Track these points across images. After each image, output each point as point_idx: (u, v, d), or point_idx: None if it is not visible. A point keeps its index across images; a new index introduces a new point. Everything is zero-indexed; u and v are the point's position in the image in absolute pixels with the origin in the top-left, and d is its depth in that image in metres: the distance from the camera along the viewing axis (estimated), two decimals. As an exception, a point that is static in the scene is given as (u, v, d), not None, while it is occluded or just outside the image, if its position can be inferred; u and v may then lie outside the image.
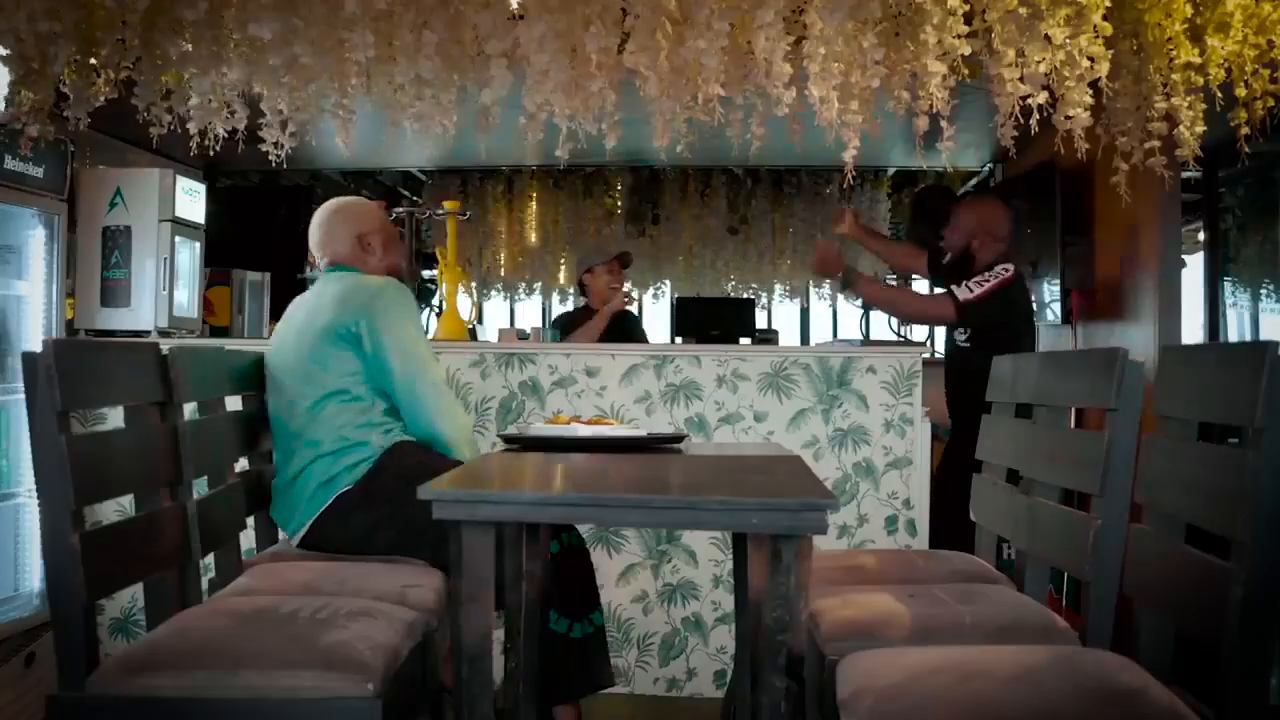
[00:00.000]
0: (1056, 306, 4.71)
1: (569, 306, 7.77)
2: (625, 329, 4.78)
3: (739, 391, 3.58)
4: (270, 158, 2.69)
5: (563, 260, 7.40)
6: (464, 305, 4.05)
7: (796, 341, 7.78)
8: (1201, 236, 4.58)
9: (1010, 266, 3.77)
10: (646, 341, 4.90)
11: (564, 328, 4.77)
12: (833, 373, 3.56)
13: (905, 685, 1.61)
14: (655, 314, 7.95)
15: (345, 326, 2.62)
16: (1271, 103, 2.57)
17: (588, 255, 5.17)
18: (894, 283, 5.16)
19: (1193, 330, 4.21)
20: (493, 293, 7.60)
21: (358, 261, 2.82)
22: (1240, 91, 2.57)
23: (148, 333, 3.92)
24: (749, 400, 3.57)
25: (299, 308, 2.80)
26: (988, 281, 3.71)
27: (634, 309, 5.52)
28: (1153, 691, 1.56)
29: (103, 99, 2.65)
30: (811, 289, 7.56)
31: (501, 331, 4.24)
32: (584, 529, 3.39)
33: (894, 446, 3.54)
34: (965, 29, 2.40)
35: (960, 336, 3.83)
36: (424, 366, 2.65)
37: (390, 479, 2.56)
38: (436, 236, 6.65)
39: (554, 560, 2.68)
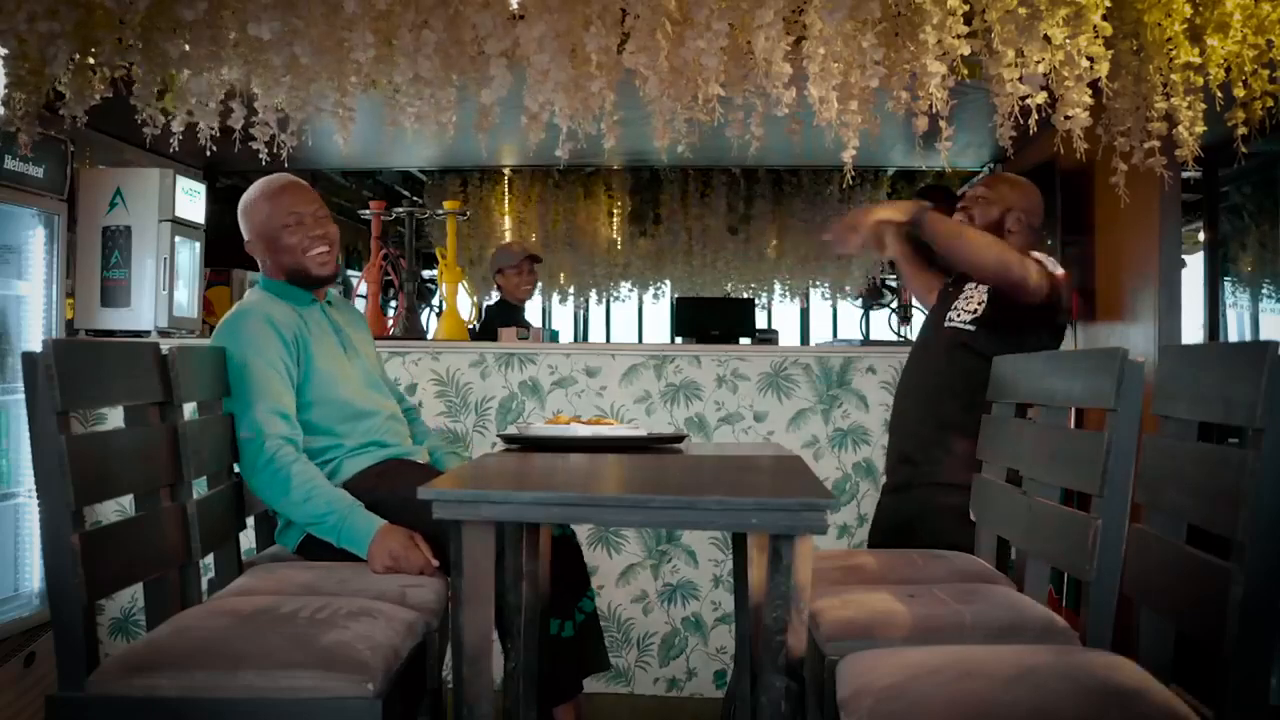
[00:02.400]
0: (1056, 306, 4.70)
1: (569, 307, 7.79)
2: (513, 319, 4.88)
3: (739, 391, 3.58)
4: (261, 157, 2.69)
5: (563, 261, 7.41)
6: (464, 305, 4.05)
7: (796, 341, 7.78)
8: (1201, 236, 4.58)
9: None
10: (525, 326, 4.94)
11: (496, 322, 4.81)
12: (833, 373, 3.56)
13: (905, 685, 1.61)
14: (655, 314, 7.95)
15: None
16: (1270, 103, 2.57)
17: (499, 255, 5.25)
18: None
19: (1193, 330, 4.22)
20: (493, 293, 7.59)
21: (265, 267, 2.68)
22: (1239, 91, 2.57)
23: (148, 333, 3.92)
24: (749, 400, 3.58)
25: None
26: (1058, 267, 2.88)
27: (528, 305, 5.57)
28: (1153, 691, 1.56)
29: (99, 97, 2.65)
30: (812, 289, 7.56)
31: (501, 331, 4.24)
32: (582, 527, 3.39)
33: (894, 446, 3.54)
34: (965, 29, 2.41)
35: (963, 315, 2.90)
36: (241, 411, 2.47)
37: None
38: (436, 236, 6.66)
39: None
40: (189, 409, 2.34)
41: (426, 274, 5.80)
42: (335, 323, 2.71)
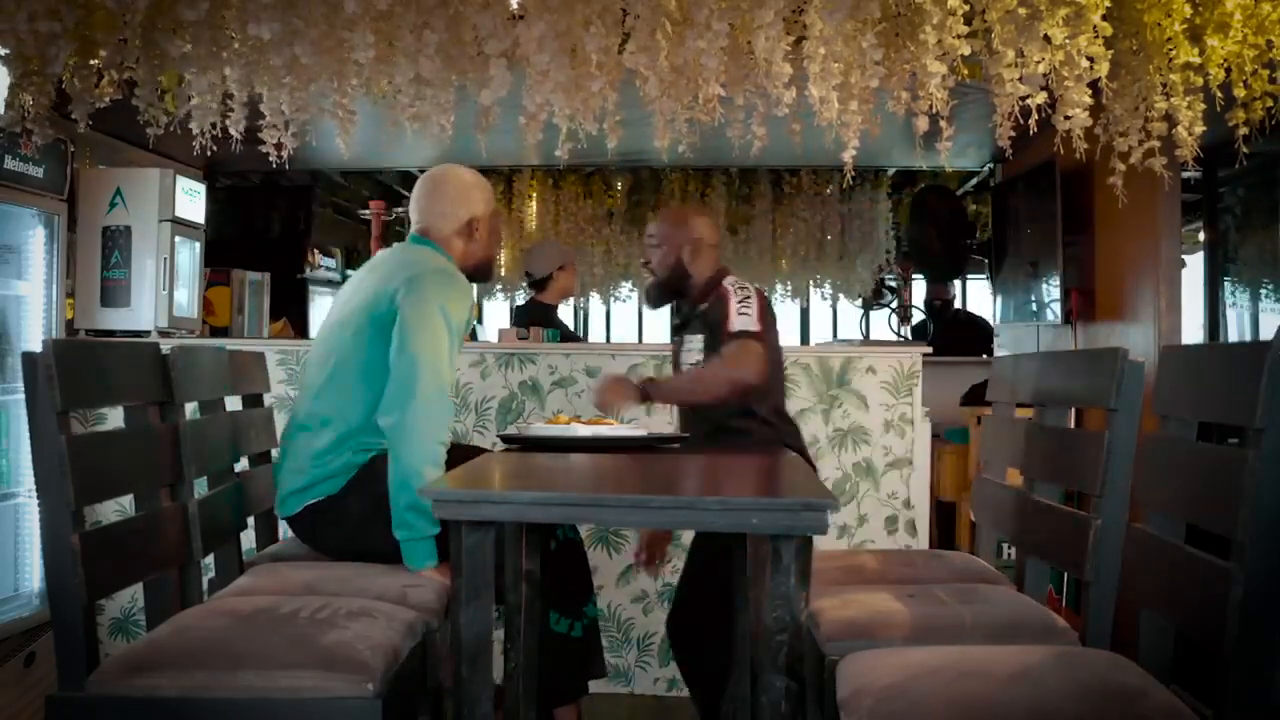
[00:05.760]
0: (1056, 306, 4.72)
1: (569, 307, 7.76)
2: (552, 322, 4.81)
3: (739, 391, 3.57)
4: (272, 159, 2.69)
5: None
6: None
7: (796, 341, 7.77)
8: (1201, 236, 4.58)
9: (744, 282, 2.91)
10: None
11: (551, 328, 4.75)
12: (833, 373, 3.56)
13: (905, 685, 1.61)
14: (655, 314, 7.95)
15: (382, 303, 2.41)
16: (1271, 103, 2.57)
17: (558, 251, 5.14)
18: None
19: (1193, 330, 4.22)
20: (493, 292, 7.59)
21: (450, 244, 2.59)
22: (1239, 92, 2.57)
23: (148, 333, 3.92)
24: (749, 400, 3.57)
25: (378, 267, 2.60)
26: (749, 299, 2.83)
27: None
28: (1152, 691, 1.56)
29: (107, 100, 2.65)
30: (812, 289, 7.56)
31: (501, 331, 4.24)
32: (583, 528, 3.39)
33: (894, 446, 3.54)
34: (965, 29, 2.41)
35: (695, 357, 2.92)
36: (421, 372, 2.35)
37: (360, 499, 2.41)
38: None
39: (551, 557, 2.67)
40: (189, 409, 2.34)
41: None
42: None
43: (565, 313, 5.34)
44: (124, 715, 1.76)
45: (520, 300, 7.79)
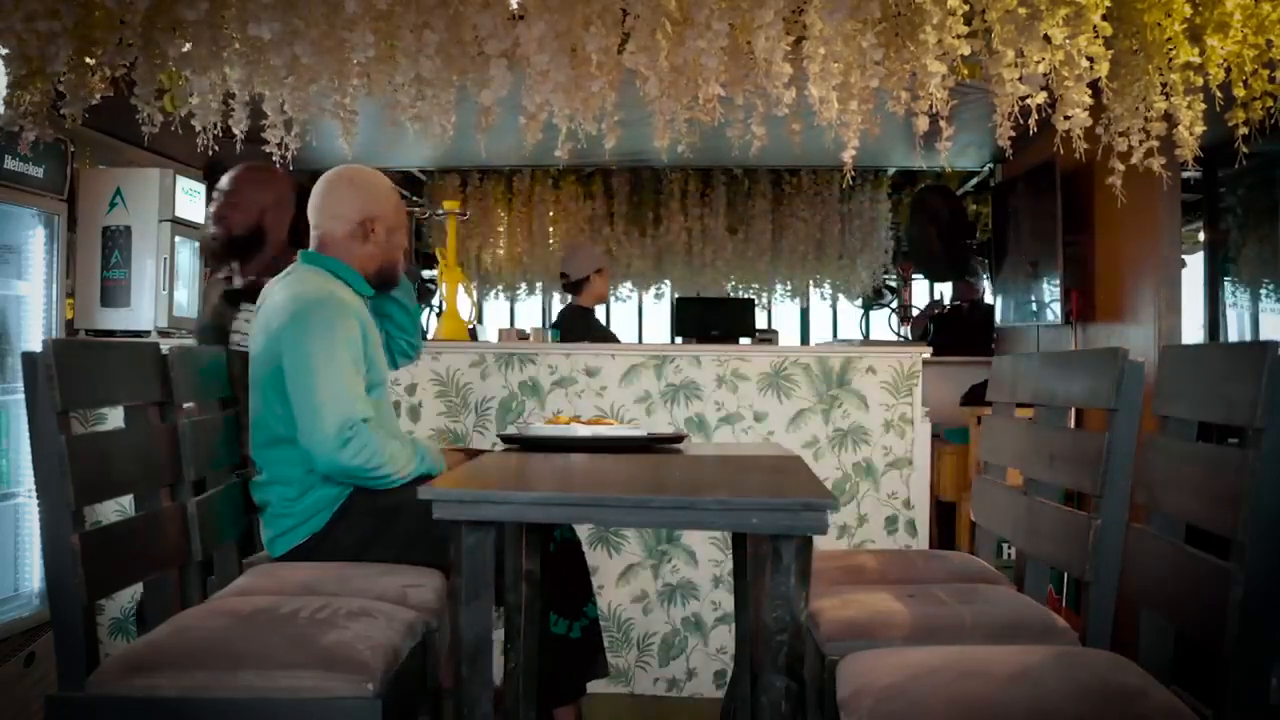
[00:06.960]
0: (1056, 306, 4.72)
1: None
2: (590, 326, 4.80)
3: (739, 391, 3.58)
4: (275, 159, 2.69)
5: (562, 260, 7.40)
6: (464, 305, 4.05)
7: (796, 341, 7.77)
8: (1201, 236, 4.58)
9: None
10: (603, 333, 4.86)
11: (583, 332, 4.73)
12: (833, 373, 3.56)
13: (905, 685, 1.61)
14: (655, 314, 7.95)
15: (272, 359, 2.38)
16: (1271, 103, 2.56)
17: (595, 254, 5.15)
18: None
19: (1193, 330, 4.21)
20: (494, 292, 7.60)
21: (346, 249, 2.53)
22: (1239, 91, 2.57)
23: (148, 333, 3.93)
24: (749, 400, 3.57)
25: (262, 308, 2.50)
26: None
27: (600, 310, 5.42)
28: (1152, 691, 1.56)
29: (98, 97, 2.65)
30: (812, 289, 7.57)
31: (501, 331, 4.24)
32: (582, 528, 3.39)
33: (894, 446, 3.54)
34: (965, 29, 2.41)
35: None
36: (312, 382, 2.31)
37: (348, 532, 2.43)
38: (436, 236, 6.66)
39: (549, 559, 2.67)
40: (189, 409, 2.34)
41: (426, 274, 5.80)
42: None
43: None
44: (124, 715, 1.76)
45: (522, 300, 7.82)
